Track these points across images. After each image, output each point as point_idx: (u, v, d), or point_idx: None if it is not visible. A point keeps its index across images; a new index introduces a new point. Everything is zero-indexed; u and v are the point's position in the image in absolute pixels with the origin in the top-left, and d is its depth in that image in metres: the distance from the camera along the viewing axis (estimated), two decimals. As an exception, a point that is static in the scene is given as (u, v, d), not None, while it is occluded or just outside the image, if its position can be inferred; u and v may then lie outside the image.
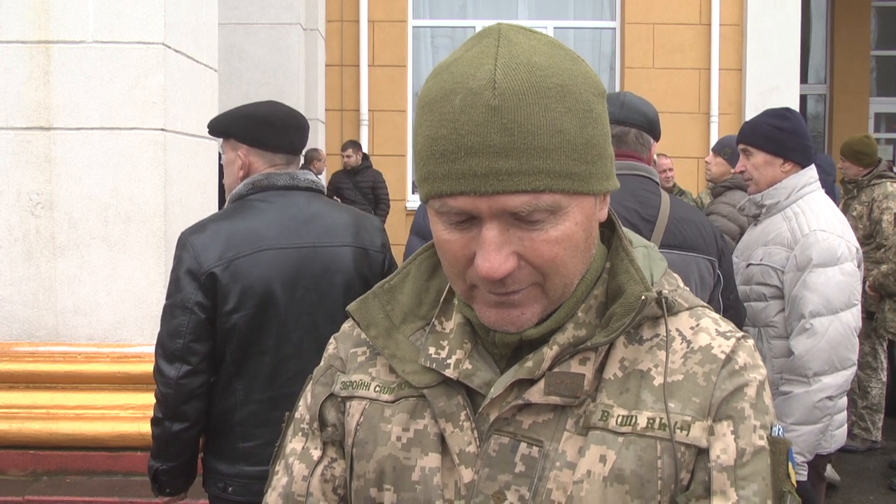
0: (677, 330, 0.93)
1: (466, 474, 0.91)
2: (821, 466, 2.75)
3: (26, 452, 3.67)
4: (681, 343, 0.92)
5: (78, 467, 3.67)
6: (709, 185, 5.12)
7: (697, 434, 0.87)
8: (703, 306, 0.97)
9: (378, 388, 1.00)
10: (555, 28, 8.82)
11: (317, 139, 8.14)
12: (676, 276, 1.01)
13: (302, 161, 3.38)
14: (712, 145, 5.60)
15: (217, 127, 2.29)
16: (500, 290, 0.86)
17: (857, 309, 2.58)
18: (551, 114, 0.81)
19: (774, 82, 8.30)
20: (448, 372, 0.93)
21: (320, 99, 8.41)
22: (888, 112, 11.52)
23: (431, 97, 0.85)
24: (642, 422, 0.87)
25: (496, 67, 0.82)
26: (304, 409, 1.07)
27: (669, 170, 6.28)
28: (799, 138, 2.69)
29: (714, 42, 8.52)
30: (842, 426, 2.71)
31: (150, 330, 3.79)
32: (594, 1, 9.04)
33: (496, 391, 0.90)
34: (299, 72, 7.74)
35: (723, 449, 0.86)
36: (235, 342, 2.12)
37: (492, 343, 0.94)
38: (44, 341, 3.81)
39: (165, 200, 3.78)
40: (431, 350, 0.96)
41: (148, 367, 3.73)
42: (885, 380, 5.37)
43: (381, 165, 8.26)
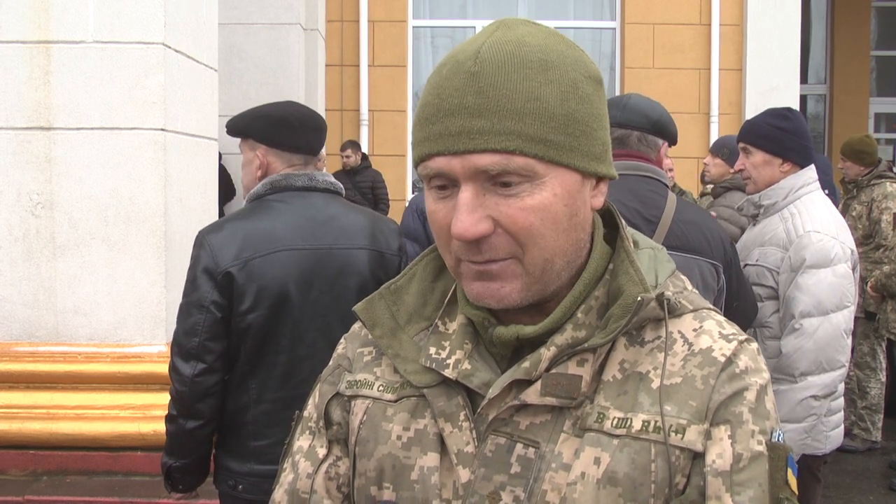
0: (679, 332, 0.92)
1: (464, 474, 0.91)
2: (815, 467, 2.76)
3: (26, 452, 3.67)
4: (682, 345, 0.91)
5: (78, 467, 3.67)
6: (707, 188, 5.11)
7: (693, 438, 0.86)
8: (710, 308, 0.96)
9: (381, 388, 1.00)
10: (555, 28, 8.82)
11: (317, 139, 8.12)
12: (684, 279, 0.99)
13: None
14: (710, 146, 5.60)
15: (235, 127, 2.29)
16: (478, 258, 0.87)
17: (850, 311, 2.57)
18: (530, 83, 0.84)
19: (774, 82, 8.30)
20: (447, 372, 0.94)
21: (320, 99, 8.40)
22: (888, 112, 11.52)
23: (431, 74, 0.90)
24: (637, 424, 0.87)
25: (484, 43, 0.86)
26: (312, 408, 1.08)
27: (670, 170, 6.27)
28: (798, 139, 2.68)
29: (714, 42, 8.51)
30: (837, 427, 2.70)
31: (150, 330, 3.80)
32: (594, 1, 9.03)
33: (494, 392, 0.90)
34: (299, 72, 7.73)
35: (719, 454, 0.85)
36: (250, 342, 2.13)
37: (491, 343, 0.94)
38: (44, 341, 3.81)
39: (165, 200, 3.78)
40: (432, 350, 0.96)
41: (148, 367, 3.75)
42: (885, 380, 5.37)
43: (381, 165, 8.25)
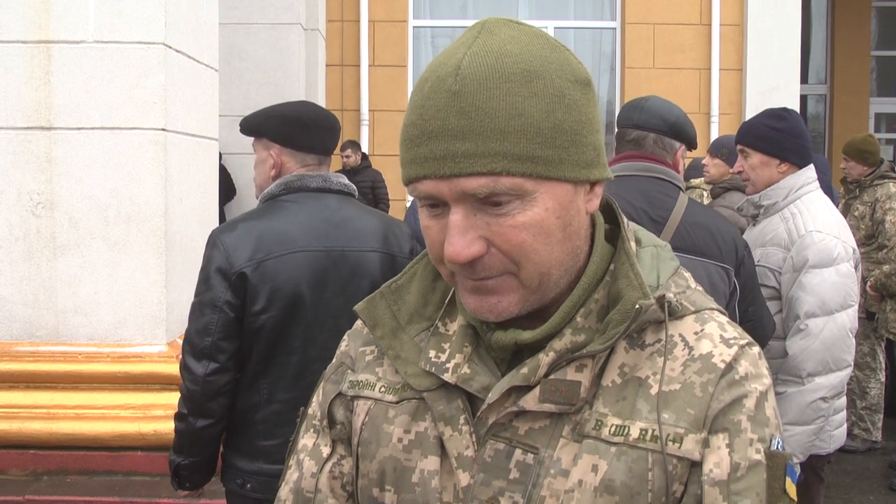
0: (680, 335, 0.90)
1: (464, 478, 0.91)
2: (819, 467, 2.76)
3: (26, 452, 3.67)
4: (682, 349, 0.89)
5: (78, 467, 3.67)
6: (705, 186, 5.09)
7: (690, 447, 0.85)
8: (713, 309, 0.94)
9: (383, 389, 1.00)
10: (555, 28, 8.81)
11: (317, 139, 8.12)
12: (687, 277, 0.97)
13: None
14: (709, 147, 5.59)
15: (249, 126, 2.29)
16: (472, 276, 0.86)
17: (854, 310, 2.57)
18: (513, 98, 0.81)
19: (775, 82, 8.30)
20: (446, 376, 0.93)
21: (320, 99, 8.40)
22: (888, 112, 11.52)
23: (414, 88, 0.88)
24: (634, 433, 0.86)
25: (465, 56, 0.83)
26: (317, 406, 1.08)
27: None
28: (795, 139, 2.67)
29: (714, 42, 8.51)
30: (841, 426, 2.70)
31: (151, 330, 3.80)
32: (594, 1, 9.03)
33: (493, 397, 0.89)
34: (299, 72, 7.73)
35: (716, 463, 0.84)
36: (263, 342, 2.13)
37: (491, 346, 0.93)
38: (44, 341, 3.81)
39: (166, 200, 3.78)
40: (432, 353, 0.96)
41: (148, 367, 3.75)
42: (885, 380, 5.37)
43: (382, 165, 8.25)
